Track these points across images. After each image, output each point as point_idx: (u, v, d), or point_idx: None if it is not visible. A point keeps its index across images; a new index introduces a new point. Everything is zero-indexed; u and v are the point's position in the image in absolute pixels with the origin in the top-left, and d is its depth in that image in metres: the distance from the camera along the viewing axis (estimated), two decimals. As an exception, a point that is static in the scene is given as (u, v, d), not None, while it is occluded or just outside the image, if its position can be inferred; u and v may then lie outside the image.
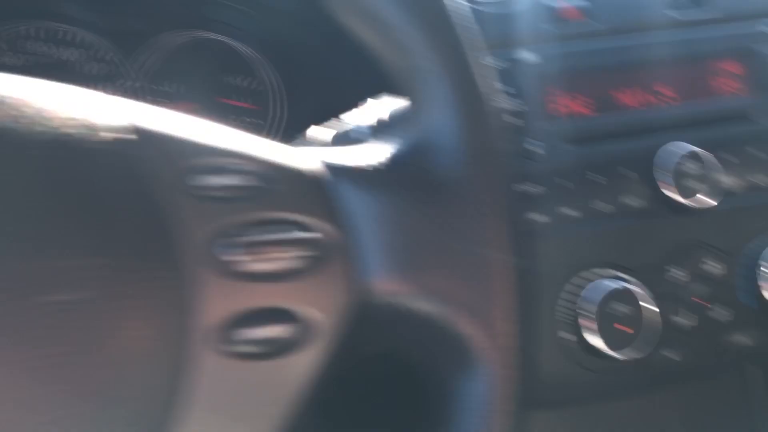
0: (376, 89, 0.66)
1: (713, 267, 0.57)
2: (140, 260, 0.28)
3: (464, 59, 0.32)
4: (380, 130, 0.45)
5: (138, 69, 0.68)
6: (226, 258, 0.29)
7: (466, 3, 0.34)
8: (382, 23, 0.32)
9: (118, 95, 0.32)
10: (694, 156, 0.54)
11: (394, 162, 0.33)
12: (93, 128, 0.28)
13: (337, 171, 0.33)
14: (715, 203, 0.55)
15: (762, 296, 0.57)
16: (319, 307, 0.30)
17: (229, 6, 0.68)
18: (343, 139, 0.46)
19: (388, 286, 0.31)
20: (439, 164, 0.32)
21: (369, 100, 0.48)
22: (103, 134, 0.29)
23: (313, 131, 0.46)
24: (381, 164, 0.33)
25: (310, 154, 0.33)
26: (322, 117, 0.69)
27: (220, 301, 0.29)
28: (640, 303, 0.53)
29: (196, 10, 0.69)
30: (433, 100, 0.32)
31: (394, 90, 0.59)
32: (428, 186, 0.32)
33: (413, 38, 0.32)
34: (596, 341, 0.53)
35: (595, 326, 0.53)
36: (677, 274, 0.56)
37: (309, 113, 0.73)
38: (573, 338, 0.54)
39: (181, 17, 0.69)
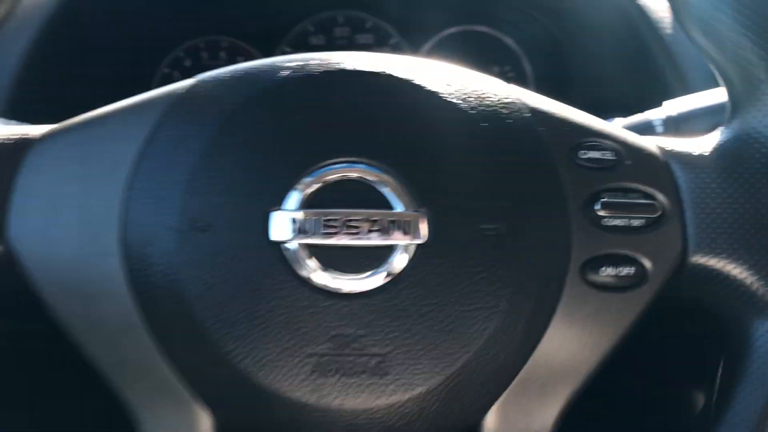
0: (609, 88, 0.73)
1: None
2: (542, 207, 0.38)
3: None
4: (671, 124, 0.53)
5: (420, 54, 0.80)
6: (596, 213, 0.39)
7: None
8: (730, 44, 0.40)
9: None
10: None
11: (720, 149, 0.41)
12: (510, 107, 0.39)
13: (670, 154, 0.41)
14: None
15: None
16: (653, 258, 0.39)
17: (502, 3, 0.78)
18: (632, 130, 0.54)
19: (707, 249, 0.40)
20: (762, 153, 0.40)
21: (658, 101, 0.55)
22: (517, 112, 0.39)
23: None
24: (706, 150, 0.41)
25: (650, 140, 0.42)
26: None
27: (589, 244, 0.39)
28: None
29: (469, 7, 0.80)
30: (763, 101, 0.40)
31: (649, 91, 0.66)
32: (748, 171, 0.40)
33: (753, 52, 0.40)
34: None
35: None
36: None
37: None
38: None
39: (458, 12, 0.80)
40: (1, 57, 0.42)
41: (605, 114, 0.62)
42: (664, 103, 0.54)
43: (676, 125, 0.51)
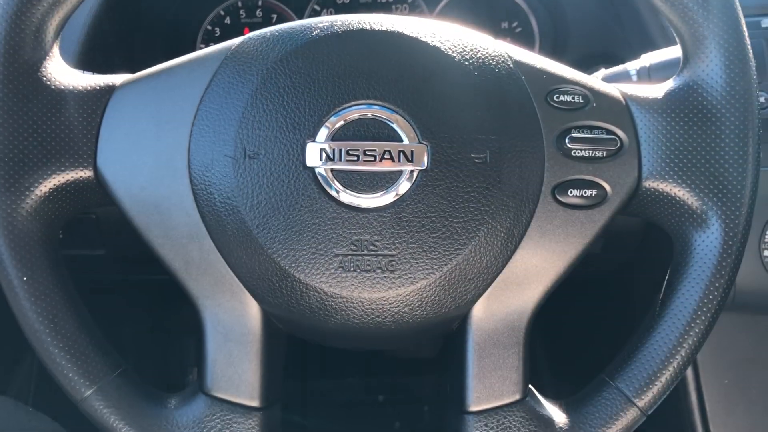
0: (612, 43, 0.81)
1: None
2: (521, 140, 0.47)
3: (736, 28, 0.48)
4: (644, 74, 0.61)
5: (435, 11, 0.88)
6: (566, 146, 0.48)
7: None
8: (680, 6, 0.48)
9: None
10: None
11: (671, 94, 0.50)
12: (497, 59, 0.48)
13: (630, 98, 0.50)
14: None
15: None
16: (612, 183, 0.49)
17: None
18: (612, 78, 0.63)
19: (657, 176, 0.49)
20: (705, 98, 0.48)
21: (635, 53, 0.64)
22: (502, 63, 0.48)
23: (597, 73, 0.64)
24: (660, 95, 0.50)
25: (614, 86, 0.51)
26: (566, 58, 0.86)
27: (558, 170, 0.48)
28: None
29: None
30: (707, 55, 0.48)
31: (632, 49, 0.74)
32: (692, 112, 0.49)
33: (699, 14, 0.48)
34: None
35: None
36: None
37: (558, 55, 0.90)
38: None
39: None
40: (73, 20, 0.52)
41: (595, 64, 0.71)
42: (642, 55, 0.63)
43: (647, 74, 0.60)
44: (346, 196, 0.46)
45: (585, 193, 0.48)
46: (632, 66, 0.62)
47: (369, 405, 1.22)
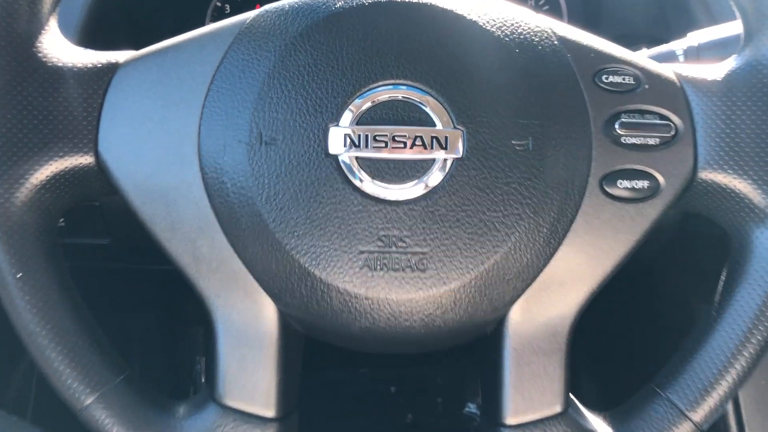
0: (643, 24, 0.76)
1: None
2: (567, 125, 0.43)
3: None
4: (692, 54, 0.56)
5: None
6: (616, 132, 0.43)
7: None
8: None
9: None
10: None
11: (732, 75, 0.45)
12: (540, 35, 0.44)
13: (685, 79, 0.46)
14: None
15: None
16: (665, 174, 0.44)
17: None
18: (657, 59, 0.58)
19: (715, 166, 0.44)
20: (767, 79, 0.44)
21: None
22: (546, 40, 0.44)
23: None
24: (719, 76, 0.45)
25: (668, 67, 0.46)
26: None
27: (607, 159, 0.43)
28: None
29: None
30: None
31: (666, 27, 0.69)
32: (755, 95, 0.44)
33: None
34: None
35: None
36: None
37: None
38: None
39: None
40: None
41: (632, 46, 0.66)
42: (689, 34, 0.58)
43: (696, 54, 0.55)
44: (373, 187, 0.42)
45: (636, 184, 0.44)
46: (678, 45, 0.57)
47: (381, 396, 1.19)
